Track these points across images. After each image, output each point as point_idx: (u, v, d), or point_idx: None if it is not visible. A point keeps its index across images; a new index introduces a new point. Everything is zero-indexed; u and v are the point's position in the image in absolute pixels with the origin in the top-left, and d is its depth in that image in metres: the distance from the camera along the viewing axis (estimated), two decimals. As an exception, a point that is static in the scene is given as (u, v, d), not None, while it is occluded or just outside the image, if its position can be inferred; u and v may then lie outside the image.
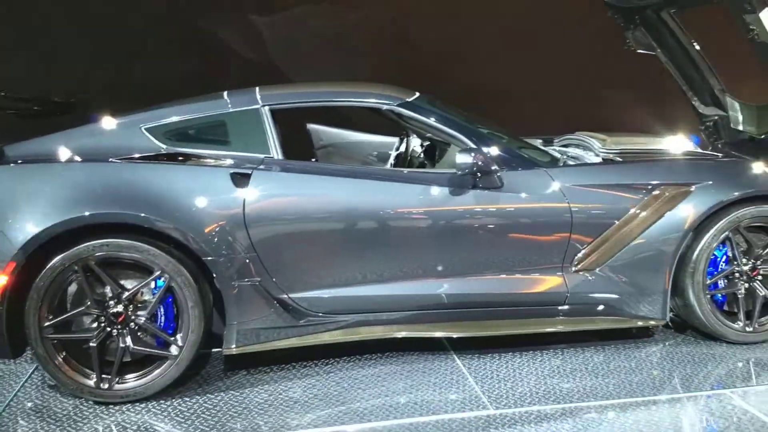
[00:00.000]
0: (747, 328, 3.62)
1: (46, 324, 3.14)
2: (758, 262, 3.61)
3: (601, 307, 3.55)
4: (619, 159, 3.94)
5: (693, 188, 3.54)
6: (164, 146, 3.41)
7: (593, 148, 4.12)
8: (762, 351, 3.57)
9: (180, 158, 3.38)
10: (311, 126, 4.91)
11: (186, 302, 3.22)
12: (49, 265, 3.10)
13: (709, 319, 3.59)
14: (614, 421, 2.93)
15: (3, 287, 3.06)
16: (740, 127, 4.63)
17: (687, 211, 3.51)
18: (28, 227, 3.08)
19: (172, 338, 3.25)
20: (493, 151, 3.48)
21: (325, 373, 3.43)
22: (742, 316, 3.62)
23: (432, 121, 3.57)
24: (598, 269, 3.51)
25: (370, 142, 5.14)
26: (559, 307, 3.52)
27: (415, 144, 4.56)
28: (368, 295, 3.42)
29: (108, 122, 3.53)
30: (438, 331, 3.48)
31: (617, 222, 3.50)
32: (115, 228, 3.16)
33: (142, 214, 3.15)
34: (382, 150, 5.05)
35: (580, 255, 3.50)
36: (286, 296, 3.36)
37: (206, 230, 3.22)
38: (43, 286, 3.11)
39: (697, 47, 4.69)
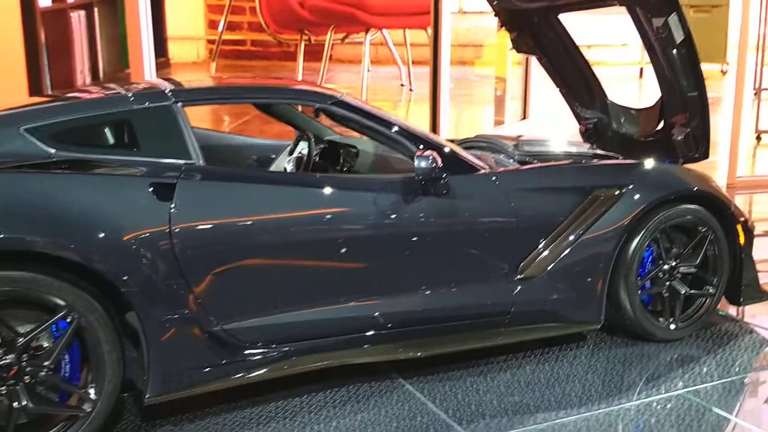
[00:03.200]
0: (671, 326, 3.71)
1: None
2: (678, 261, 3.71)
3: (543, 315, 3.43)
4: (536, 161, 3.87)
5: (623, 190, 3.54)
6: (53, 151, 2.74)
7: (506, 150, 4.01)
8: (690, 348, 3.66)
9: (78, 166, 2.73)
10: None
11: (101, 345, 2.60)
12: None
13: (641, 320, 3.61)
14: (598, 436, 2.81)
15: None
16: (622, 130, 4.80)
17: (620, 214, 3.49)
18: None
19: (83, 390, 2.60)
20: (439, 154, 3.21)
21: (259, 414, 2.95)
22: (668, 314, 3.70)
23: (368, 120, 3.23)
24: (540, 275, 3.38)
25: (245, 144, 4.65)
26: (505, 318, 3.35)
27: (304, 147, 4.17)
28: (312, 319, 3.00)
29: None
30: (386, 354, 3.15)
31: (559, 226, 3.42)
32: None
33: (43, 239, 2.48)
34: (262, 153, 4.58)
35: (524, 262, 3.36)
36: (218, 328, 2.84)
37: (125, 255, 2.62)
38: None
39: (580, 52, 4.79)
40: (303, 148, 4.10)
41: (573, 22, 4.19)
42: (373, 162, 3.76)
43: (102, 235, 2.60)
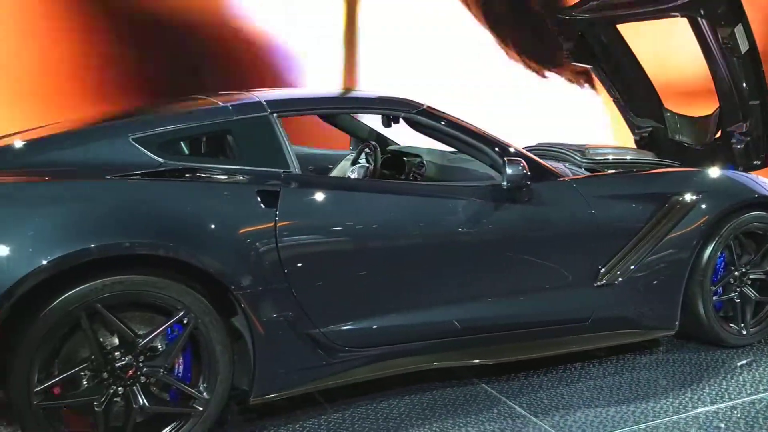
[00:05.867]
0: (743, 332, 3.76)
1: (38, 389, 2.45)
2: (748, 267, 3.77)
3: (622, 321, 3.49)
4: (604, 169, 3.94)
5: (697, 198, 3.60)
6: (161, 160, 2.82)
7: (573, 158, 4.09)
8: (761, 353, 3.70)
9: (187, 174, 2.81)
10: None
11: (214, 346, 2.68)
12: (44, 313, 2.42)
13: (714, 326, 3.66)
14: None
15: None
16: (678, 138, 4.86)
17: (696, 220, 3.55)
18: (14, 266, 2.38)
19: (196, 390, 2.68)
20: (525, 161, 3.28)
21: (353, 414, 3.03)
22: (739, 320, 3.76)
23: (452, 129, 3.31)
24: (620, 282, 3.44)
25: (299, 155, 4.72)
26: (585, 324, 3.42)
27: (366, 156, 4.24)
28: (403, 323, 3.07)
29: (82, 130, 2.87)
30: (472, 358, 3.22)
31: (639, 233, 3.48)
32: (119, 261, 2.55)
33: (167, 244, 2.57)
34: (320, 162, 4.65)
35: (604, 268, 3.42)
36: (317, 330, 2.92)
37: (235, 258, 2.71)
38: (36, 339, 2.42)
39: (637, 60, 4.86)
40: (364, 157, 4.18)
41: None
42: (441, 171, 3.82)
43: (214, 240, 2.69)
